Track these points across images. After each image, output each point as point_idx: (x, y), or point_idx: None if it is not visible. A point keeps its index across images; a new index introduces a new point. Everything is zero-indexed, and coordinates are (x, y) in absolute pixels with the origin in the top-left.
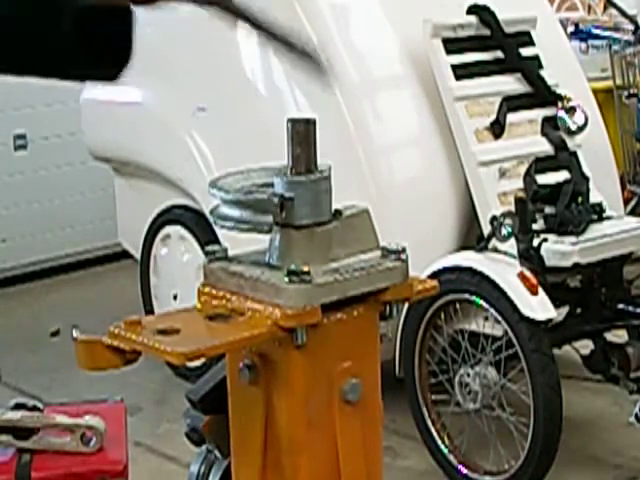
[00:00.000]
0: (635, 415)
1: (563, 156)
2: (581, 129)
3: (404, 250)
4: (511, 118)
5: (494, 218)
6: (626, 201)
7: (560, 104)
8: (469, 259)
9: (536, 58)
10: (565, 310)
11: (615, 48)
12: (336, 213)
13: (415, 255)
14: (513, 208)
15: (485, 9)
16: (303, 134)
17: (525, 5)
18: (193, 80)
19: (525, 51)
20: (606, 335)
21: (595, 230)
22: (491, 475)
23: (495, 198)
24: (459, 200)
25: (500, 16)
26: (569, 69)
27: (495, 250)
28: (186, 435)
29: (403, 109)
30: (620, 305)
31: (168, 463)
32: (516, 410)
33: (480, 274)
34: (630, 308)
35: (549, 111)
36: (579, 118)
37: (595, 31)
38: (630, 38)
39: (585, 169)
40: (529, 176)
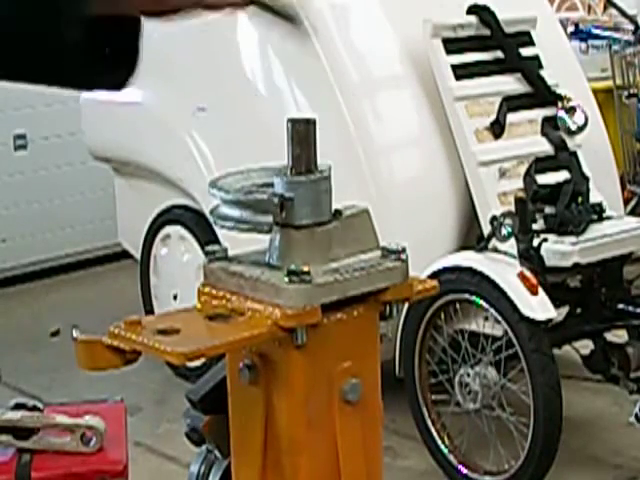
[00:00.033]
0: (635, 415)
1: (563, 156)
2: (581, 129)
3: (404, 250)
4: (511, 118)
5: (494, 218)
6: (626, 201)
7: (560, 104)
8: (469, 259)
9: (536, 58)
10: (565, 310)
11: (615, 48)
12: (336, 213)
13: (415, 255)
14: (513, 208)
15: (485, 9)
16: (303, 134)
17: (525, 5)
18: (193, 80)
19: (525, 51)
20: (606, 335)
21: (595, 230)
22: (491, 475)
23: (495, 198)
24: (459, 200)
25: (500, 16)
26: (569, 69)
27: (495, 250)
28: (186, 435)
29: (403, 109)
30: (620, 305)
31: (168, 463)
32: (516, 410)
33: (480, 274)
34: (630, 308)
35: (549, 111)
36: (579, 118)
37: (595, 31)
38: (630, 38)
39: (585, 169)
40: (529, 176)
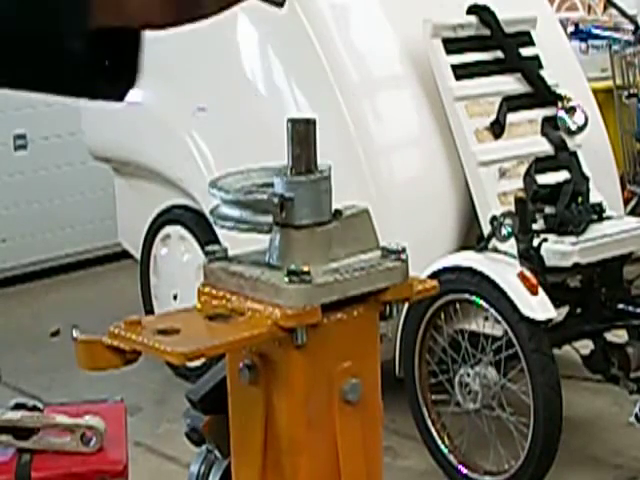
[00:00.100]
0: (635, 415)
1: (563, 156)
2: (581, 129)
3: (404, 250)
4: (511, 118)
5: (494, 218)
6: (626, 201)
7: (560, 104)
8: (469, 259)
9: (536, 58)
10: (565, 310)
11: (615, 48)
12: (336, 213)
13: (415, 255)
14: (513, 208)
15: (485, 9)
16: (303, 134)
17: (525, 5)
18: (193, 80)
19: (525, 51)
20: (606, 335)
21: (595, 230)
22: (491, 475)
23: (495, 198)
24: (459, 200)
25: (500, 16)
26: (569, 69)
27: (495, 250)
28: (186, 435)
29: (403, 109)
30: (620, 305)
31: (168, 463)
32: (516, 410)
33: (480, 274)
34: (630, 308)
35: (549, 111)
36: (579, 118)
37: (595, 31)
38: (630, 38)
39: (585, 169)
40: (529, 176)
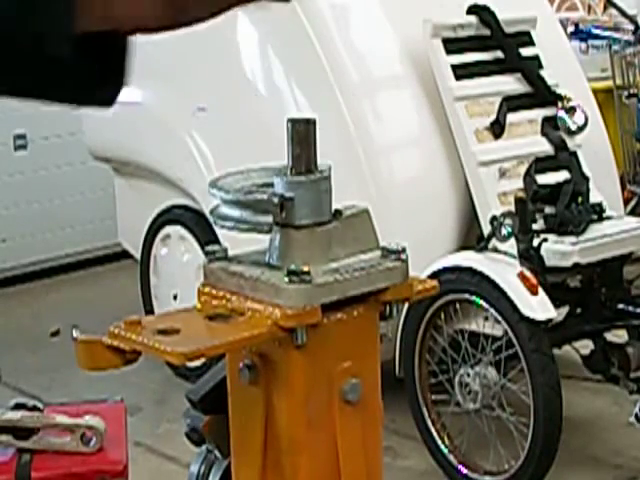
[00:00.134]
0: (635, 415)
1: (563, 156)
2: (581, 129)
3: (404, 250)
4: (511, 118)
5: (494, 218)
6: (626, 201)
7: (560, 104)
8: (469, 259)
9: (536, 58)
10: (565, 310)
11: (615, 48)
12: (336, 213)
13: (415, 255)
14: (513, 208)
15: (485, 9)
16: (303, 134)
17: (525, 5)
18: (193, 80)
19: (525, 51)
20: (606, 335)
21: (595, 230)
22: (491, 475)
23: (495, 198)
24: (459, 200)
25: (500, 16)
26: (569, 69)
27: (495, 250)
28: (186, 435)
29: (403, 109)
30: (620, 305)
31: (168, 463)
32: (516, 410)
33: (480, 274)
34: (630, 308)
35: (549, 111)
36: (579, 118)
37: (595, 31)
38: (630, 38)
39: (585, 169)
40: (529, 176)
